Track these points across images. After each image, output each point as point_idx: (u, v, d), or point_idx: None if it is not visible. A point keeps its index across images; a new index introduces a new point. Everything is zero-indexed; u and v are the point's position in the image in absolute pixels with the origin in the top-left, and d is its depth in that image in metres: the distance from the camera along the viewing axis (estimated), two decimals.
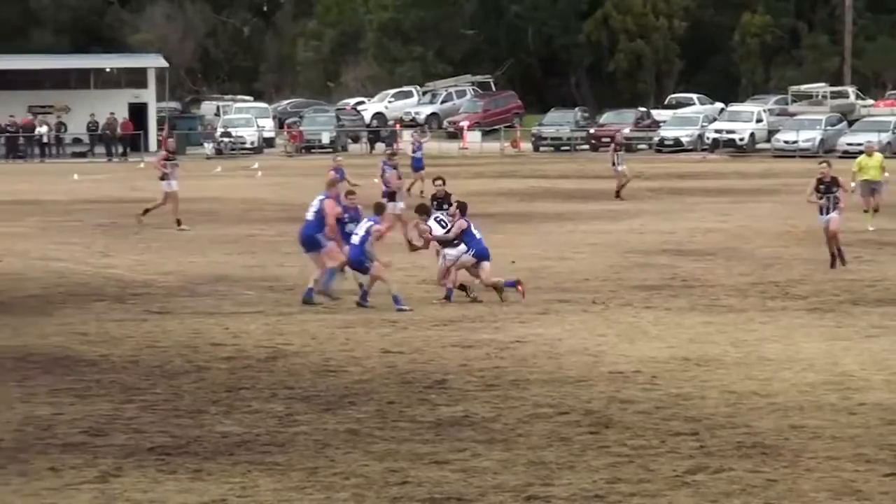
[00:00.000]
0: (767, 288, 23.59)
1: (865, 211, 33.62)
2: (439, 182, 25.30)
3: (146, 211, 34.63)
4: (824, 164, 26.85)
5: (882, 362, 16.96)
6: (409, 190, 38.38)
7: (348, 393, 15.56)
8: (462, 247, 22.18)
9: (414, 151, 44.06)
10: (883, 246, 29.80)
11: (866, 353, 17.57)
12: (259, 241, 31.39)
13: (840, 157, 63.70)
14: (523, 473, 12.26)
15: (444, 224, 22.72)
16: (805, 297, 22.60)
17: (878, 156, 34.76)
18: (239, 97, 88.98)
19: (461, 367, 16.96)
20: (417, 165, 43.07)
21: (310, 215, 22.33)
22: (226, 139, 72.28)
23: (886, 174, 34.87)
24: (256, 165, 60.64)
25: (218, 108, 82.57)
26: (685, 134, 70.64)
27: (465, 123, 76.65)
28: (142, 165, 60.12)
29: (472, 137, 73.61)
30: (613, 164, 43.45)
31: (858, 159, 35.08)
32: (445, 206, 23.87)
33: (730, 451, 12.96)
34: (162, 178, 34.59)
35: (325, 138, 73.35)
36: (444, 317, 20.72)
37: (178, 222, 33.91)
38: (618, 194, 42.57)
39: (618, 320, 20.36)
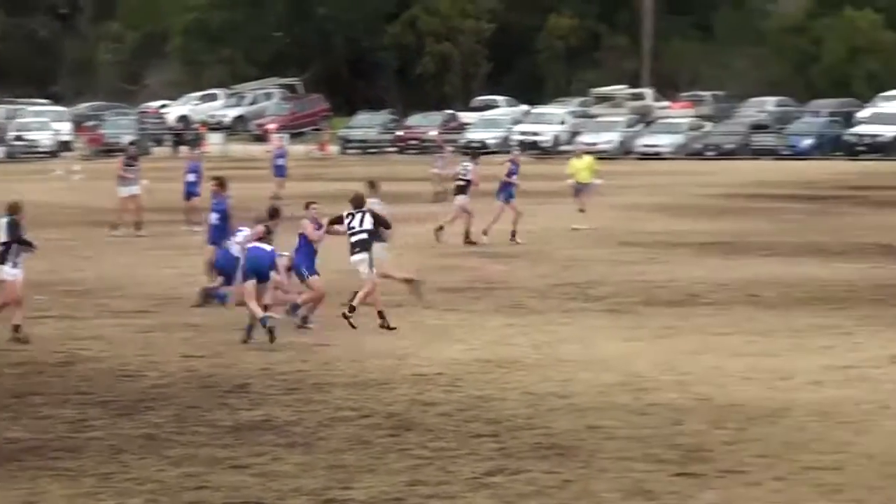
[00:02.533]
0: (567, 289, 23.82)
1: (581, 210, 34.30)
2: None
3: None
4: None
5: (670, 363, 17.30)
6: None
7: (145, 398, 15.31)
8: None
9: (276, 157, 43.08)
10: (673, 247, 30.30)
11: (657, 354, 17.88)
12: (54, 246, 30.58)
13: (637, 159, 65.30)
14: (322, 477, 12.20)
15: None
16: (603, 297, 22.90)
17: (587, 158, 36.30)
18: (35, 101, 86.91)
19: (263, 371, 16.82)
20: (279, 173, 42.26)
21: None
22: (19, 143, 71.08)
23: (598, 180, 36.00)
24: (58, 171, 58.93)
25: (11, 111, 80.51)
26: (492, 136, 71.02)
27: (271, 126, 76.16)
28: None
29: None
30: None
31: (571, 161, 36.58)
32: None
33: (528, 453, 13.07)
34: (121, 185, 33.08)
35: (126, 141, 72.21)
36: (246, 320, 20.43)
37: (137, 226, 32.32)
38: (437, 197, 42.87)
39: (422, 323, 20.37)
